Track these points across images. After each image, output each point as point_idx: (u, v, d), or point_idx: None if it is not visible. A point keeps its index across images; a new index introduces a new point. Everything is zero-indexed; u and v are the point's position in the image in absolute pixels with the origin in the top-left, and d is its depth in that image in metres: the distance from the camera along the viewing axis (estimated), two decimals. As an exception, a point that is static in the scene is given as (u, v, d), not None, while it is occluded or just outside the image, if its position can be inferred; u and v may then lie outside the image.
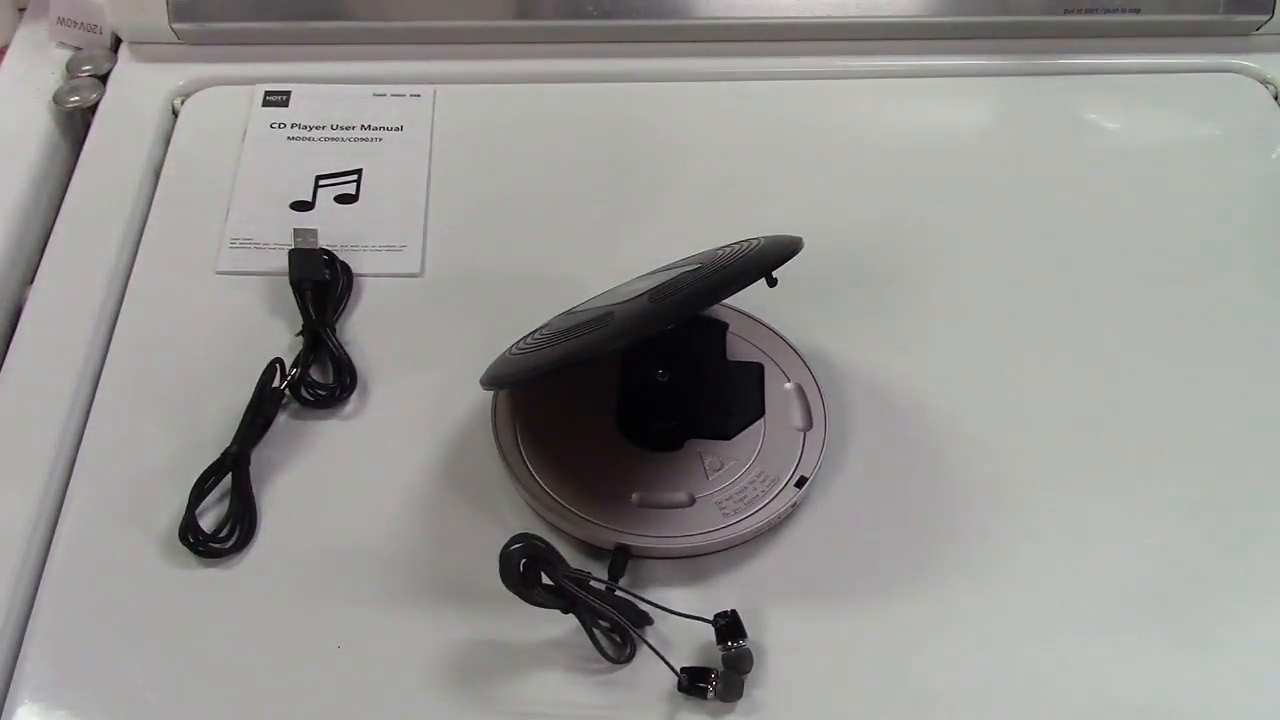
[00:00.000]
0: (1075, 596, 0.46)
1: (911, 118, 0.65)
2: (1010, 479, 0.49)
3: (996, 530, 0.47)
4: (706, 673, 0.42)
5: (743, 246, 0.46)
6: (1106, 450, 0.50)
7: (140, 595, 0.45)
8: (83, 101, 0.63)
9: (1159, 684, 0.44)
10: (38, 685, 0.42)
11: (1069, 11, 0.66)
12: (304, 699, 0.42)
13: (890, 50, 0.67)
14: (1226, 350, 0.54)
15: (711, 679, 0.42)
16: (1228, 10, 0.67)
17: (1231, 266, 0.58)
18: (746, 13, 0.65)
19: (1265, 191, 0.62)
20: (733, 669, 0.42)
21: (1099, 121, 0.65)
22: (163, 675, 0.42)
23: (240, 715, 0.42)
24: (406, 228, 0.58)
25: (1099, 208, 0.60)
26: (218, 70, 0.65)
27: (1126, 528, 0.48)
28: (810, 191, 0.60)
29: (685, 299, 0.42)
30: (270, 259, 0.55)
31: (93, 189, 0.59)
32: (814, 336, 0.52)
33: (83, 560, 0.45)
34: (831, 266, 0.55)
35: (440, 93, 0.64)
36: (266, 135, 0.62)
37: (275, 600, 0.44)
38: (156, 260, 0.56)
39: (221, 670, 0.43)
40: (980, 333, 0.54)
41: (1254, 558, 0.47)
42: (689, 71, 0.66)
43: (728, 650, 0.42)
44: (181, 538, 0.45)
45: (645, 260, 0.51)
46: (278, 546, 0.46)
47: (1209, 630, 0.45)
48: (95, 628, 0.44)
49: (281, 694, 0.42)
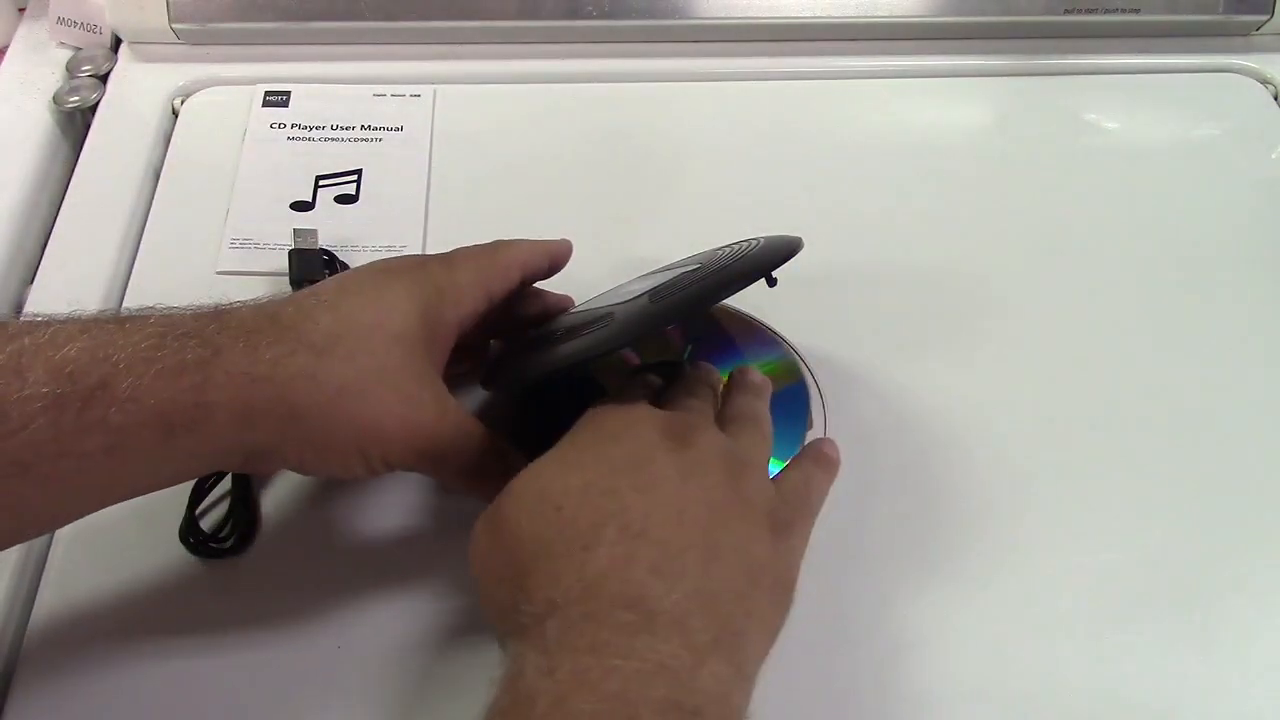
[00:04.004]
0: (1076, 597, 0.46)
1: (911, 118, 0.65)
2: (1011, 479, 0.49)
3: (997, 530, 0.47)
4: None
5: (743, 246, 0.46)
6: (1107, 450, 0.50)
7: (140, 595, 0.45)
8: (83, 101, 0.63)
9: (1159, 684, 0.44)
10: (37, 685, 0.42)
11: (1069, 11, 0.66)
12: (304, 699, 0.42)
13: (890, 50, 0.67)
14: (1226, 350, 0.54)
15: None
16: (1227, 10, 0.67)
17: (1231, 266, 0.58)
18: (746, 13, 0.65)
19: (1265, 191, 0.62)
20: None
21: (1099, 121, 0.65)
22: (163, 675, 0.42)
23: (240, 715, 0.42)
24: (406, 228, 0.58)
25: (1098, 208, 0.60)
26: (218, 70, 0.65)
27: (1127, 527, 0.48)
28: (810, 191, 0.60)
29: (685, 299, 0.42)
30: (270, 259, 0.55)
31: (93, 189, 0.59)
32: (814, 336, 0.52)
33: (83, 560, 0.45)
34: (831, 266, 0.55)
35: (440, 93, 0.64)
36: (266, 135, 0.62)
37: (275, 600, 0.44)
38: (156, 260, 0.56)
39: (221, 670, 0.43)
40: (980, 332, 0.54)
41: (1255, 557, 0.47)
42: (689, 71, 0.66)
43: None
44: (181, 538, 0.45)
45: (645, 260, 0.51)
46: (278, 546, 0.46)
47: (1209, 630, 0.45)
48: (95, 628, 0.44)
49: (281, 694, 0.42)
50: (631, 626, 0.33)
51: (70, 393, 0.34)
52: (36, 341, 0.35)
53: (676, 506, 0.37)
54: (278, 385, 0.37)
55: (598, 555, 0.35)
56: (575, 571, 0.35)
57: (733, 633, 0.35)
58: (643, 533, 0.36)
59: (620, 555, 0.35)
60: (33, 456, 0.34)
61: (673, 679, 0.33)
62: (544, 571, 0.35)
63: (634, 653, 0.33)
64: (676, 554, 0.36)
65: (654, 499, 0.37)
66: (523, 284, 0.46)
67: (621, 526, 0.36)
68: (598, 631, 0.33)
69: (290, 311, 0.39)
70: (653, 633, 0.33)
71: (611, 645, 0.33)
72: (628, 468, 0.38)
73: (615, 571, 0.35)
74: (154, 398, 0.35)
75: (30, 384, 0.34)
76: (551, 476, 0.38)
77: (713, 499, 0.38)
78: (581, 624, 0.33)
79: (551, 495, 0.37)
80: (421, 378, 0.40)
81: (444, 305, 0.42)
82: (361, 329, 0.39)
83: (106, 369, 0.35)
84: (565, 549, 0.35)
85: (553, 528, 0.36)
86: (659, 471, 0.38)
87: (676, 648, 0.33)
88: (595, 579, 0.35)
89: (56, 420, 0.34)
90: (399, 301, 0.41)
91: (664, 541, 0.36)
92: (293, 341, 0.38)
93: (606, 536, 0.35)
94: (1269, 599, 0.46)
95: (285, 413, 0.37)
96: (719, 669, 0.34)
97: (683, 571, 0.35)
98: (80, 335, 0.35)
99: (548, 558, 0.35)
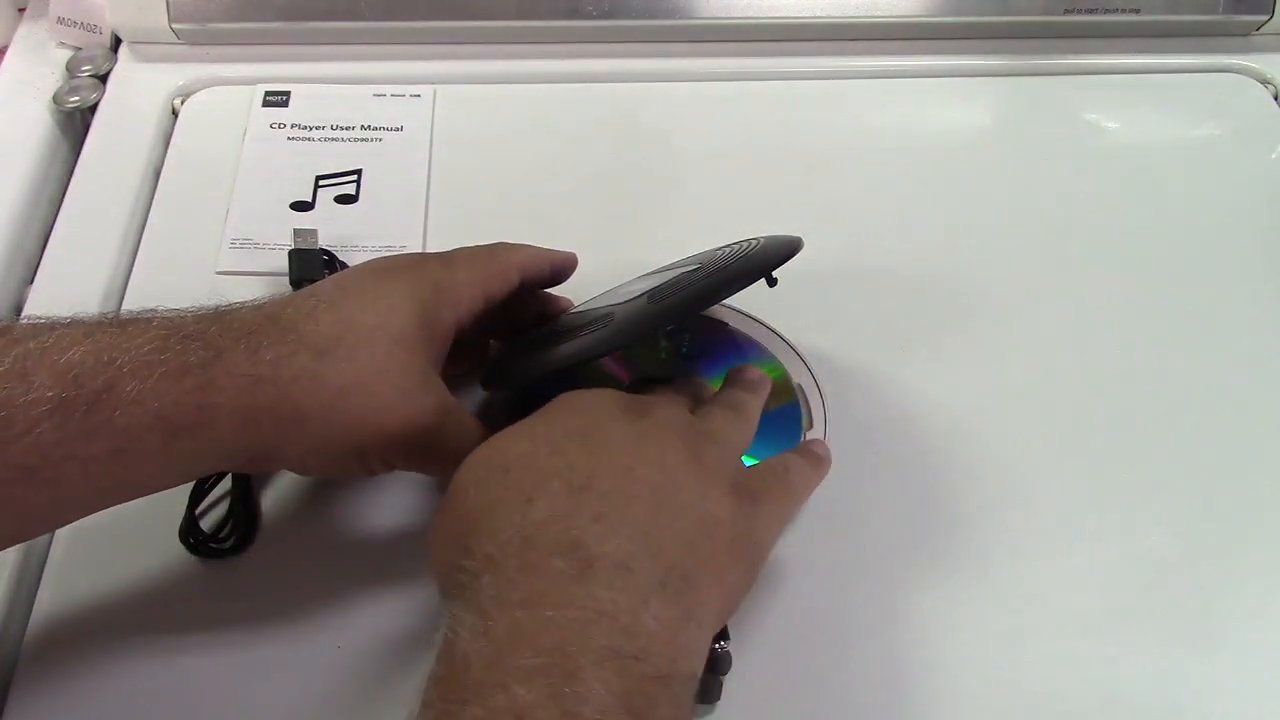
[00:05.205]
0: (1076, 596, 0.46)
1: (911, 118, 0.65)
2: (1011, 479, 0.49)
3: (997, 529, 0.47)
4: None
5: (743, 246, 0.46)
6: (1108, 450, 0.50)
7: (140, 596, 0.45)
8: (83, 101, 0.63)
9: (1159, 684, 0.44)
10: (37, 685, 0.42)
11: (1069, 11, 0.66)
12: (304, 699, 0.42)
13: (890, 50, 0.67)
14: (1226, 350, 0.54)
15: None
16: (1228, 10, 0.67)
17: (1231, 266, 0.58)
18: (746, 13, 0.65)
19: (1265, 191, 0.62)
20: (711, 670, 0.41)
21: (1099, 121, 0.65)
22: (162, 675, 0.42)
23: (240, 715, 0.42)
24: (406, 228, 0.58)
25: (1098, 208, 0.60)
26: (218, 70, 0.65)
27: (1127, 527, 0.48)
28: (810, 191, 0.60)
29: (685, 299, 0.42)
30: (270, 259, 0.55)
31: (93, 189, 0.59)
32: (814, 336, 0.52)
33: (83, 560, 0.45)
34: (831, 266, 0.55)
35: (440, 93, 0.64)
36: (266, 135, 0.62)
37: (275, 600, 0.44)
38: (156, 260, 0.56)
39: (221, 670, 0.43)
40: (980, 332, 0.54)
41: (1255, 557, 0.47)
42: (689, 71, 0.66)
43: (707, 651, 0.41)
44: (181, 538, 0.45)
45: (645, 260, 0.51)
46: (278, 546, 0.46)
47: (1209, 630, 0.45)
48: (95, 628, 0.44)
49: (281, 694, 0.42)
50: (568, 574, 0.32)
51: (75, 397, 0.34)
52: (42, 345, 0.35)
53: (624, 463, 0.36)
54: (280, 386, 0.37)
55: (538, 506, 0.34)
56: (516, 524, 0.34)
57: (680, 576, 0.34)
58: (587, 485, 0.35)
59: (562, 505, 0.34)
60: (38, 460, 0.34)
61: (612, 624, 0.32)
62: (485, 528, 0.34)
63: (571, 601, 0.32)
64: (621, 503, 0.35)
65: (602, 458, 0.36)
66: (522, 287, 0.46)
67: (566, 481, 0.35)
68: (533, 583, 0.32)
69: (290, 312, 0.39)
70: (592, 579, 0.32)
71: (548, 596, 0.32)
72: (579, 432, 0.37)
73: (555, 520, 0.34)
74: (158, 400, 0.35)
75: (35, 388, 0.34)
76: (503, 443, 0.38)
77: (666, 460, 0.37)
78: (517, 577, 0.33)
79: (501, 459, 0.37)
80: (422, 378, 0.40)
81: (442, 305, 0.42)
82: (363, 330, 0.39)
83: (111, 373, 0.35)
84: (508, 505, 0.35)
85: (499, 487, 0.36)
86: (610, 434, 0.37)
87: (617, 593, 0.32)
88: (534, 529, 0.34)
89: (62, 424, 0.34)
90: (399, 302, 0.41)
91: (609, 493, 0.35)
92: (294, 342, 0.38)
93: (549, 489, 0.35)
94: (1269, 599, 0.46)
95: (287, 414, 0.37)
96: (663, 612, 0.33)
97: (627, 518, 0.34)
98: (84, 339, 0.35)
99: (490, 515, 0.35)
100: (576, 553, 0.33)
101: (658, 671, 0.32)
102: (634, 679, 0.31)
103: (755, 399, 0.45)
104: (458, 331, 0.43)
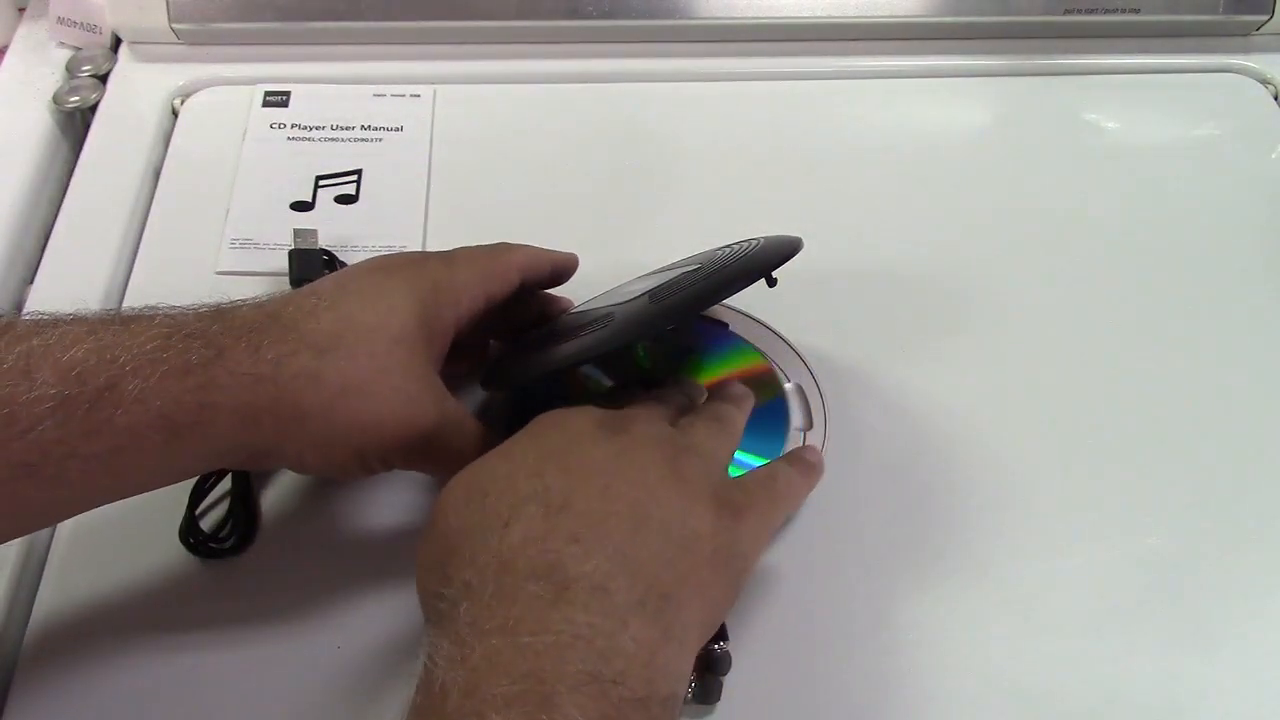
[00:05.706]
0: (1075, 596, 0.46)
1: (911, 118, 0.65)
2: (1011, 479, 0.49)
3: (997, 530, 0.47)
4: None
5: (743, 246, 0.46)
6: (1108, 450, 0.50)
7: (140, 595, 0.45)
8: (83, 101, 0.63)
9: (1159, 684, 0.44)
10: (37, 685, 0.42)
11: (1069, 11, 0.66)
12: (304, 699, 0.42)
13: (890, 50, 0.67)
14: (1227, 350, 0.54)
15: (689, 681, 0.41)
16: (1228, 10, 0.67)
17: (1231, 266, 0.58)
18: (746, 13, 0.65)
19: (1265, 191, 0.62)
20: (711, 671, 0.41)
21: (1099, 121, 0.65)
22: (162, 675, 0.42)
23: (240, 715, 0.42)
24: (406, 228, 0.58)
25: (1098, 208, 0.60)
26: (218, 70, 0.65)
27: (1127, 527, 0.48)
28: (810, 192, 0.60)
29: (685, 299, 0.42)
30: (270, 259, 0.55)
31: (93, 189, 0.59)
32: (814, 336, 0.52)
33: (83, 560, 0.45)
34: (831, 266, 0.55)
35: (440, 93, 0.64)
36: (266, 135, 0.62)
37: (275, 600, 0.44)
38: (156, 260, 0.56)
39: (221, 670, 0.43)
40: (980, 332, 0.54)
41: (1255, 557, 0.47)
42: (689, 71, 0.66)
43: (707, 651, 0.41)
44: (181, 538, 0.45)
45: (645, 260, 0.51)
46: (278, 546, 0.46)
47: (1210, 630, 0.45)
48: (95, 628, 0.44)
49: (281, 694, 0.42)
50: (544, 599, 0.32)
51: (78, 394, 0.34)
52: (45, 343, 0.35)
53: (602, 482, 0.36)
54: (280, 385, 0.37)
55: (514, 530, 0.34)
56: (493, 549, 0.34)
57: (659, 595, 0.34)
58: (564, 507, 0.35)
59: (538, 528, 0.34)
60: (40, 457, 0.34)
61: (589, 648, 0.31)
62: (464, 554, 0.34)
63: (547, 626, 0.32)
64: (598, 522, 0.35)
65: (579, 477, 0.36)
66: (522, 288, 0.46)
67: (544, 504, 0.35)
68: (510, 609, 0.32)
69: (291, 310, 0.39)
70: (569, 602, 0.32)
71: (524, 622, 0.32)
72: (556, 453, 0.37)
73: (532, 544, 0.34)
74: (160, 399, 0.35)
75: (38, 385, 0.34)
76: (482, 467, 0.38)
77: (646, 477, 0.37)
78: (493, 603, 0.32)
79: (479, 484, 0.37)
80: (422, 378, 0.40)
81: (441, 304, 0.42)
82: (363, 329, 0.39)
83: (114, 370, 0.35)
84: (485, 530, 0.35)
85: (478, 512, 0.35)
86: (588, 454, 0.37)
87: (594, 615, 0.32)
88: (511, 554, 0.34)
89: (64, 422, 0.34)
90: (399, 301, 0.41)
91: (586, 512, 0.35)
92: (295, 341, 0.38)
93: (526, 512, 0.35)
94: (1269, 599, 0.46)
95: (288, 412, 0.37)
96: (641, 632, 0.33)
97: (604, 537, 0.34)
98: (87, 337, 0.35)
99: (468, 540, 0.35)
100: (553, 575, 0.33)
101: (635, 694, 0.32)
102: (611, 703, 0.31)
103: (739, 411, 0.45)
104: (458, 331, 0.43)
